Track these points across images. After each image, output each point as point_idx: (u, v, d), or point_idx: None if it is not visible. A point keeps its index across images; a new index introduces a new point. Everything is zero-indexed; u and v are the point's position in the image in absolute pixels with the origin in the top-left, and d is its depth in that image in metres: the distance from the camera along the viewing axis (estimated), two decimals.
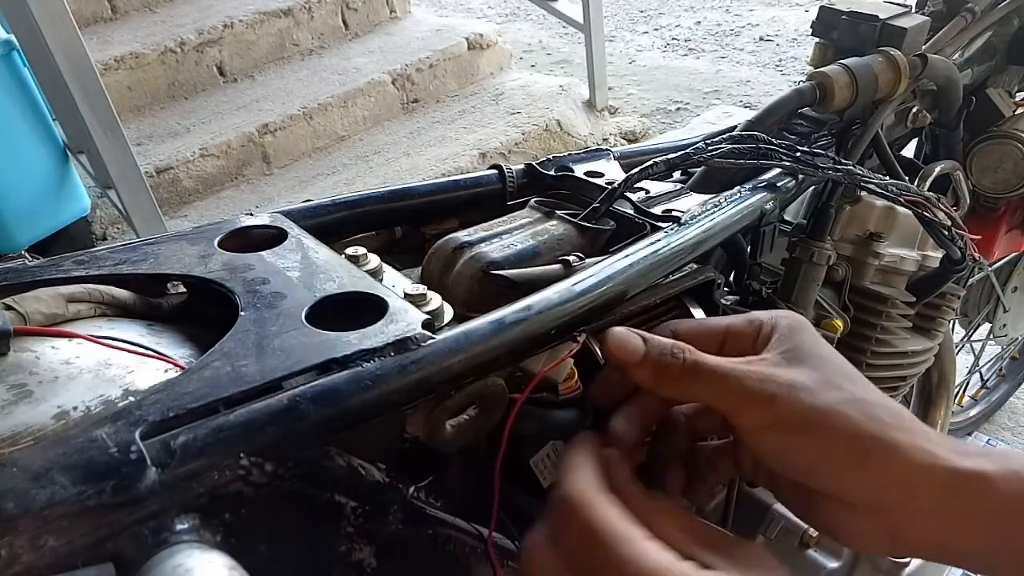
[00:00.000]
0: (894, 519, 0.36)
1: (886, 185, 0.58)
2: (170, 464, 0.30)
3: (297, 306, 0.39)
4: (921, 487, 0.35)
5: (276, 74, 3.15)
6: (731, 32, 4.23)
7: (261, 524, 0.33)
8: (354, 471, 0.37)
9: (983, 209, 1.01)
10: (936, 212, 0.61)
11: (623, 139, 3.15)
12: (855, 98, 0.69)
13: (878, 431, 0.35)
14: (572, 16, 3.23)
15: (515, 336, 0.40)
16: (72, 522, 0.27)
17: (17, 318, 0.37)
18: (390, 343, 0.37)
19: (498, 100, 3.23)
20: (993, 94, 0.94)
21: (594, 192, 0.59)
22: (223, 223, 0.49)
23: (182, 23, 3.03)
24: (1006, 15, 0.89)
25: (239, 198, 2.73)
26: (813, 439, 0.36)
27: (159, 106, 2.94)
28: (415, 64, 3.18)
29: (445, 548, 0.42)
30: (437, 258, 0.53)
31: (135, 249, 0.45)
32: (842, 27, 0.77)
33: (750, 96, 3.50)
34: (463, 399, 0.40)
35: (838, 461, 0.36)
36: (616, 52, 4.05)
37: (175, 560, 0.28)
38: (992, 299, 1.31)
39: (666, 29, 4.36)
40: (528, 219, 0.55)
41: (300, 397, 0.33)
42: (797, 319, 0.41)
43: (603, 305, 0.45)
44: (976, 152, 0.93)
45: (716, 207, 0.55)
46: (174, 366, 0.38)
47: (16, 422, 0.32)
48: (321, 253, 0.45)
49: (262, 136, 2.81)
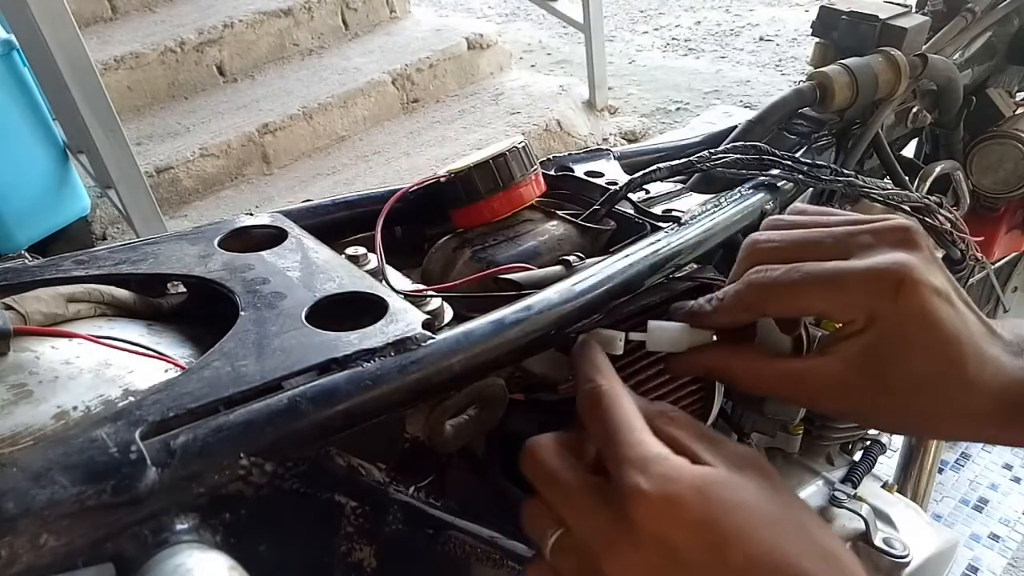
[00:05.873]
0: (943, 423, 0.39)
1: (888, 194, 0.58)
2: (170, 464, 0.30)
3: (297, 306, 0.39)
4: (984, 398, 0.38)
5: (276, 74, 3.15)
6: (731, 32, 4.23)
7: (261, 524, 0.33)
8: (354, 471, 0.37)
9: (983, 209, 1.01)
10: (938, 216, 0.61)
11: (623, 139, 3.15)
12: (855, 98, 0.69)
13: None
14: (572, 16, 3.23)
15: (515, 336, 0.40)
16: (72, 522, 0.27)
17: (17, 318, 0.37)
18: (390, 343, 0.37)
19: (498, 100, 3.23)
20: (993, 94, 0.94)
21: (594, 192, 0.59)
22: (223, 223, 0.49)
23: (182, 23, 3.03)
24: (1006, 15, 0.89)
25: (239, 198, 2.73)
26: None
27: (159, 106, 2.94)
28: (415, 64, 3.18)
29: (445, 548, 0.42)
30: (437, 258, 0.53)
31: (135, 249, 0.45)
32: (842, 27, 0.77)
33: (750, 96, 3.50)
34: (463, 399, 0.40)
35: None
36: (616, 52, 4.05)
37: (175, 560, 0.28)
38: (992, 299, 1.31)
39: (666, 29, 4.36)
40: (528, 219, 0.55)
41: (300, 397, 0.33)
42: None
43: (603, 305, 0.45)
44: (976, 152, 0.93)
45: (716, 207, 0.55)
46: (174, 366, 0.38)
47: (16, 422, 0.32)
48: (321, 253, 0.45)
49: (262, 136, 2.81)
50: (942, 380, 0.38)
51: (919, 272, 0.38)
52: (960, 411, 0.39)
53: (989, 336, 0.40)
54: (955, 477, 1.69)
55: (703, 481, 0.33)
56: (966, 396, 0.38)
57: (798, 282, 0.39)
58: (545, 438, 0.38)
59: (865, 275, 0.38)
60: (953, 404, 0.39)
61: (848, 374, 0.39)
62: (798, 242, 0.41)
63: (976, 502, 1.65)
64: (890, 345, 0.38)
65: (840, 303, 0.39)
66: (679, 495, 0.32)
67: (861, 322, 0.38)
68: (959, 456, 1.73)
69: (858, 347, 0.38)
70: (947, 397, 0.38)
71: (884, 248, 0.39)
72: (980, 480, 1.69)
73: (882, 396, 0.39)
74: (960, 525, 1.59)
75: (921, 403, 0.39)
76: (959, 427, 0.40)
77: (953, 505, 1.64)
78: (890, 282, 0.37)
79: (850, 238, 0.40)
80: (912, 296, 0.37)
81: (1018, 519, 1.60)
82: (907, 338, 0.38)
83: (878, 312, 0.38)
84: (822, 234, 0.41)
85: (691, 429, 0.36)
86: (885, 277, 0.38)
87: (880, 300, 0.38)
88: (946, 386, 0.38)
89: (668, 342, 0.43)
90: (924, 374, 0.38)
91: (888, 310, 0.38)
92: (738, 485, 0.33)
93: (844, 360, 0.39)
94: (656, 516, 0.32)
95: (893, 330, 0.38)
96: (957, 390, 0.38)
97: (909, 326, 0.38)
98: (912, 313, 0.38)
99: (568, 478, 0.35)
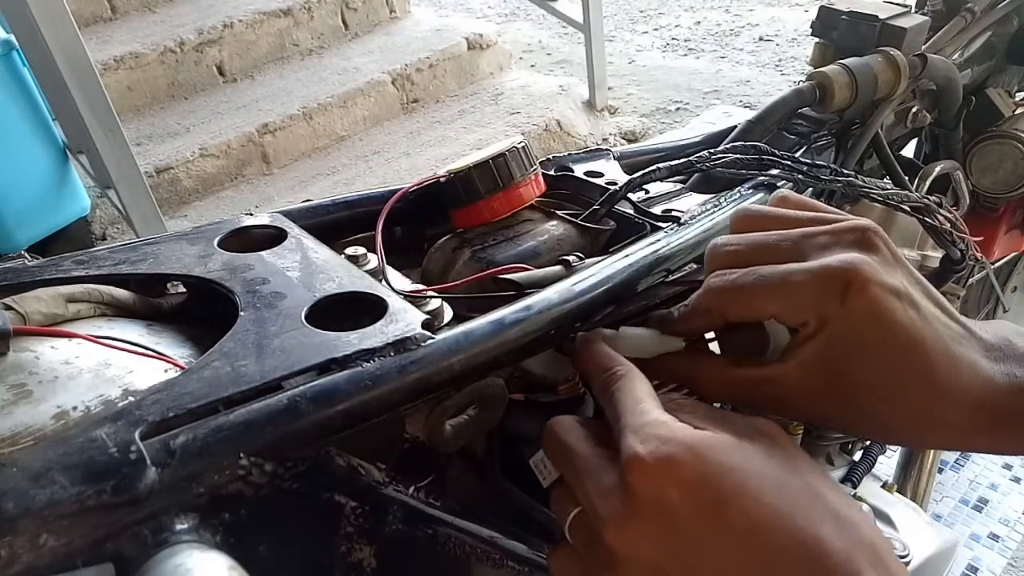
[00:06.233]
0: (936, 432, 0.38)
1: (888, 194, 0.58)
2: (170, 464, 0.30)
3: (297, 306, 0.39)
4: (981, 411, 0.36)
5: (276, 74, 3.15)
6: (731, 32, 4.23)
7: (261, 524, 0.33)
8: (354, 471, 0.37)
9: (983, 209, 1.01)
10: (937, 216, 0.61)
11: (623, 139, 3.15)
12: (855, 98, 0.69)
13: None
14: (572, 16, 3.24)
15: (515, 336, 0.40)
16: (72, 522, 0.27)
17: (17, 318, 0.37)
18: (390, 343, 0.37)
19: (498, 100, 3.23)
20: (993, 94, 0.94)
21: (594, 192, 0.59)
22: (223, 223, 0.49)
23: (182, 23, 3.03)
24: (1006, 15, 0.89)
25: (239, 198, 2.73)
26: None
27: (159, 106, 2.94)
28: (415, 64, 3.18)
29: (445, 548, 0.42)
30: (437, 258, 0.53)
31: (135, 249, 0.45)
32: (842, 27, 0.77)
33: (750, 96, 3.50)
34: (463, 399, 0.40)
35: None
36: (616, 52, 4.05)
37: (175, 560, 0.28)
38: (992, 299, 1.31)
39: (666, 29, 4.36)
40: (528, 219, 0.55)
41: (300, 397, 0.33)
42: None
43: (603, 305, 0.45)
44: (976, 152, 0.93)
45: (716, 207, 0.55)
46: (174, 366, 0.38)
47: (16, 422, 0.32)
48: (321, 253, 0.45)
49: (262, 136, 2.81)
50: (904, 387, 0.36)
51: (870, 271, 0.36)
52: (936, 420, 0.37)
53: (965, 339, 0.38)
54: (955, 477, 1.70)
55: (700, 442, 0.32)
56: (939, 404, 0.36)
57: (751, 285, 0.38)
58: (567, 418, 0.38)
59: (814, 276, 0.37)
60: (924, 412, 0.37)
61: (807, 381, 0.37)
62: (755, 245, 0.40)
63: (976, 502, 1.65)
64: (843, 349, 0.36)
65: (790, 305, 0.37)
66: (672, 455, 0.31)
67: (813, 325, 0.37)
68: (959, 456, 1.73)
69: (812, 351, 0.37)
70: (915, 405, 0.37)
71: (840, 249, 0.38)
72: (980, 480, 1.69)
73: (844, 403, 0.37)
74: (960, 525, 1.59)
75: (886, 411, 0.37)
76: (940, 436, 0.38)
77: (953, 505, 1.64)
78: (838, 282, 0.36)
79: (807, 239, 0.39)
80: (862, 296, 0.36)
81: (1018, 519, 1.60)
82: (859, 341, 0.36)
83: (828, 314, 0.36)
84: (779, 236, 0.40)
85: (699, 411, 0.36)
86: (833, 277, 0.36)
87: (829, 301, 0.36)
88: (910, 393, 0.36)
89: (636, 348, 0.43)
90: (883, 379, 0.36)
91: (838, 312, 0.36)
92: (741, 448, 0.32)
93: (801, 366, 0.37)
94: (651, 479, 0.31)
95: (844, 333, 0.36)
96: (925, 397, 0.36)
97: (860, 328, 0.36)
98: (863, 314, 0.36)
99: (582, 453, 0.35)
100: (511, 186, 0.53)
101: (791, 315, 0.38)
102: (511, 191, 0.53)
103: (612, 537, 0.32)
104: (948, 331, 0.37)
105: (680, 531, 0.31)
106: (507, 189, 0.53)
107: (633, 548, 0.32)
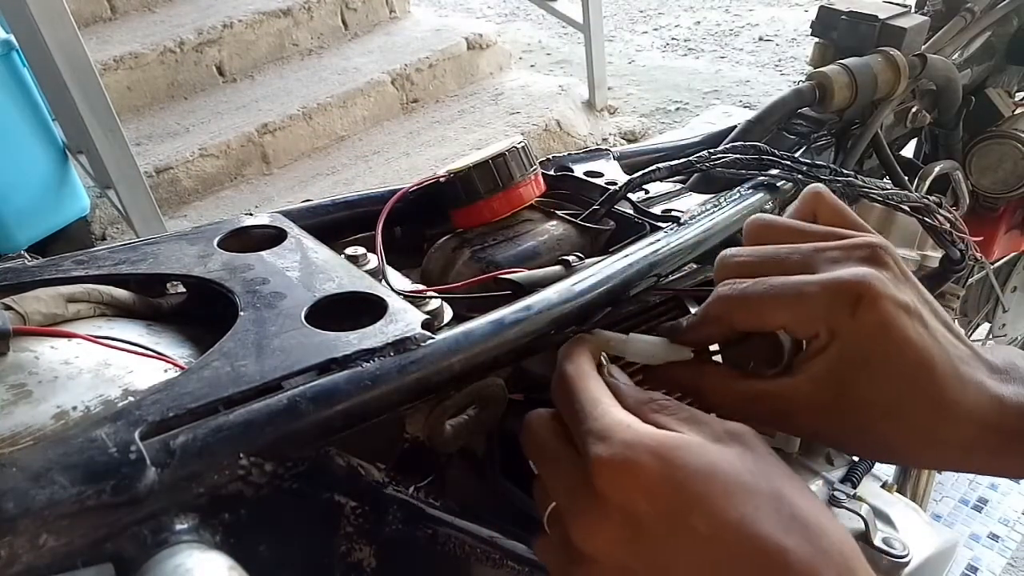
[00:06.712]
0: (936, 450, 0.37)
1: (888, 194, 0.58)
2: (170, 464, 0.30)
3: (297, 306, 0.39)
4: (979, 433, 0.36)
5: (276, 74, 3.15)
6: (730, 32, 4.23)
7: (261, 524, 0.33)
8: (354, 471, 0.37)
9: (982, 209, 1.01)
10: (937, 216, 0.61)
11: (623, 139, 3.15)
12: (854, 98, 0.69)
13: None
14: (572, 16, 3.24)
15: (515, 336, 0.40)
16: (72, 522, 0.27)
17: (16, 318, 0.37)
18: (390, 343, 0.37)
19: (498, 100, 3.23)
20: (992, 94, 0.94)
21: (594, 192, 0.59)
22: (223, 223, 0.49)
23: (181, 23, 3.03)
24: (1005, 15, 0.89)
25: (239, 198, 2.73)
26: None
27: (158, 106, 2.94)
28: (415, 64, 3.18)
29: (445, 548, 0.42)
30: (437, 258, 0.53)
31: (135, 249, 0.45)
32: (841, 27, 0.77)
33: (749, 96, 3.50)
34: (463, 399, 0.40)
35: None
36: (615, 52, 4.05)
37: (175, 560, 0.28)
38: (991, 299, 1.31)
39: (665, 29, 4.36)
40: (528, 219, 0.55)
41: (300, 397, 0.33)
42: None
43: (603, 305, 0.45)
44: (975, 152, 0.93)
45: (716, 207, 0.55)
46: (174, 366, 0.38)
47: (16, 422, 0.32)
48: (321, 253, 0.45)
49: (262, 136, 2.81)
50: (911, 403, 0.36)
51: (881, 286, 0.36)
52: (941, 438, 0.37)
53: (972, 360, 0.37)
54: (955, 477, 1.69)
55: (663, 445, 0.31)
56: (944, 422, 0.36)
57: (761, 295, 0.38)
58: (543, 412, 0.38)
59: (825, 287, 0.36)
60: (928, 430, 0.36)
61: (817, 395, 0.37)
62: (766, 257, 0.40)
63: (976, 502, 1.65)
64: (852, 362, 0.36)
65: (800, 316, 0.37)
66: (636, 459, 0.31)
67: (824, 338, 0.37)
68: None
69: (823, 365, 0.37)
70: (921, 422, 0.36)
71: (850, 263, 0.37)
72: (980, 480, 1.69)
73: (845, 417, 0.37)
74: (960, 525, 1.59)
75: (888, 428, 0.37)
76: (942, 456, 0.38)
77: (953, 505, 1.64)
78: (850, 295, 0.36)
79: (818, 254, 0.39)
80: (872, 310, 0.35)
81: (1018, 519, 1.60)
82: (868, 355, 0.36)
83: (838, 327, 0.36)
84: (789, 249, 0.40)
85: (680, 413, 0.35)
86: (845, 289, 0.36)
87: (839, 314, 0.36)
88: (917, 410, 0.36)
89: (644, 355, 0.43)
90: (890, 395, 0.36)
91: (848, 325, 0.36)
92: (709, 451, 0.32)
93: (811, 379, 0.37)
94: (616, 483, 0.31)
95: (854, 346, 0.36)
96: (932, 415, 0.36)
97: (870, 342, 0.36)
98: (873, 328, 0.36)
99: (554, 449, 0.35)
100: (511, 186, 0.53)
101: (801, 326, 0.38)
102: (511, 191, 0.53)
103: (579, 537, 0.33)
104: (956, 351, 0.37)
105: (645, 534, 0.31)
106: (507, 189, 0.53)
107: (599, 548, 0.32)
